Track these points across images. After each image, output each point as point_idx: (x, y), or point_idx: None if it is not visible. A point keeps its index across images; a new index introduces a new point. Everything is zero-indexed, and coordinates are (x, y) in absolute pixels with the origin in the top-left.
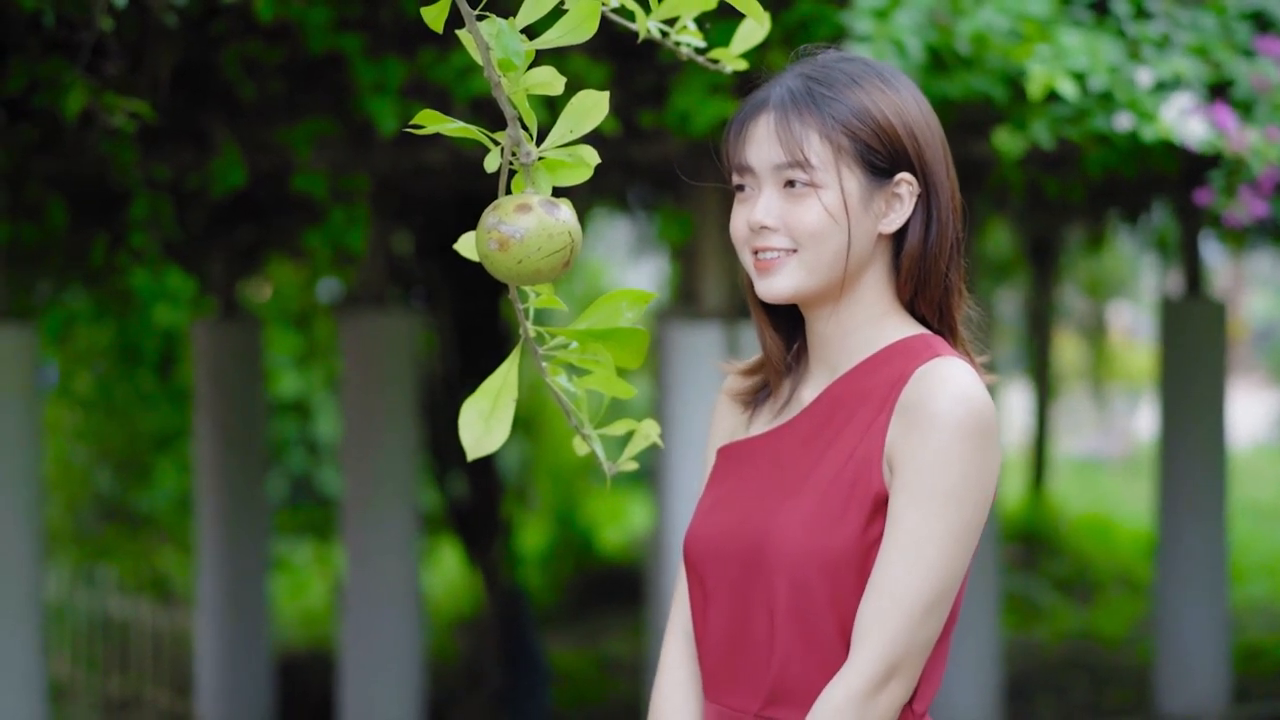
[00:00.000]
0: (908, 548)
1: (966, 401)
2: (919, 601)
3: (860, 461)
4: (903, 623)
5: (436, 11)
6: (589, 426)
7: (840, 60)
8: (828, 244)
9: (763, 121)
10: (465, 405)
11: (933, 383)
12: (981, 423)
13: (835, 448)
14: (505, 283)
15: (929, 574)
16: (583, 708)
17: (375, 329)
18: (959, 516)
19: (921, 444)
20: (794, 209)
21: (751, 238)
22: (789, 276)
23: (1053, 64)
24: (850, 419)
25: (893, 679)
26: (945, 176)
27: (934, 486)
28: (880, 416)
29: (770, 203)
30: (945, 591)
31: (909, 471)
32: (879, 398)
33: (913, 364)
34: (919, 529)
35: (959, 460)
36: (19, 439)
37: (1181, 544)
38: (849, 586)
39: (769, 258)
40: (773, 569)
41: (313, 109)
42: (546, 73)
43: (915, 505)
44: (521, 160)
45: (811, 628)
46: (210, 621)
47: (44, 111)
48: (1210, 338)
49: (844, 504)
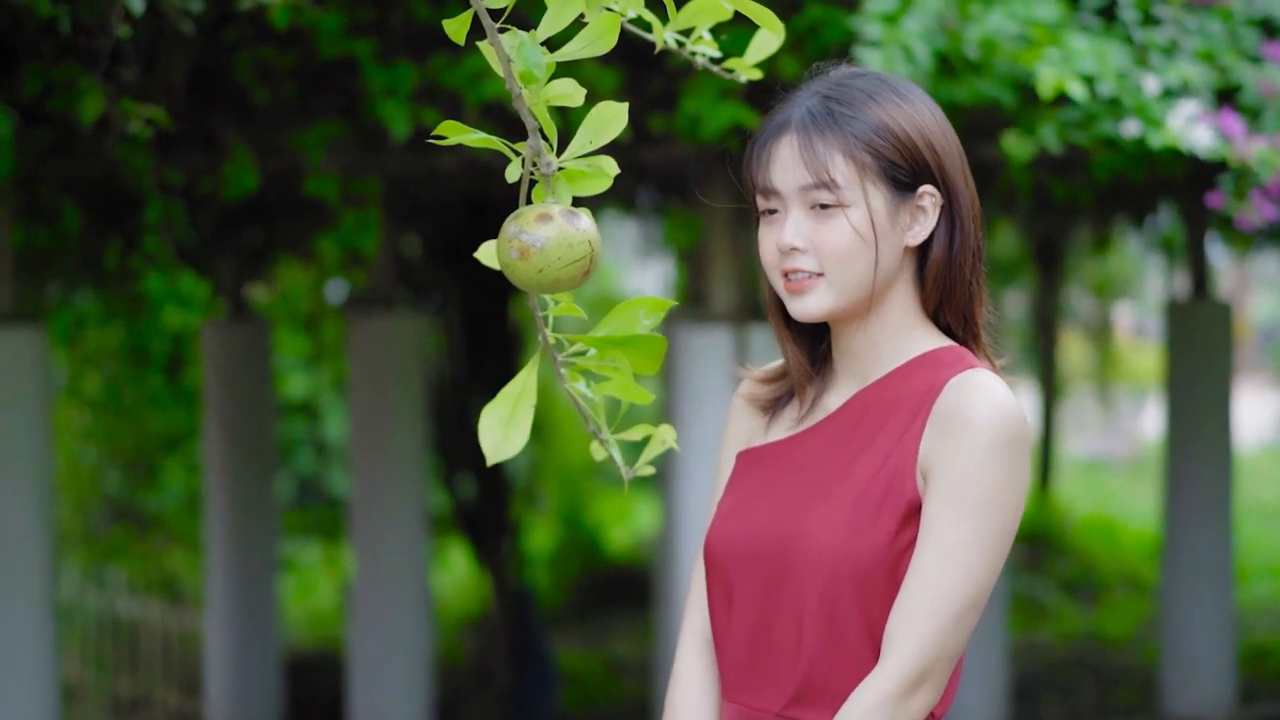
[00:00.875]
0: (942, 555)
1: (1002, 412)
2: (952, 608)
3: (893, 468)
4: (935, 629)
5: (458, 24)
6: (607, 431)
7: (853, 76)
8: (857, 263)
9: (785, 144)
10: (485, 411)
11: (968, 393)
12: (1016, 433)
13: (867, 454)
14: (526, 291)
15: (962, 581)
16: (591, 708)
17: (384, 331)
18: (992, 525)
19: (957, 453)
20: (822, 229)
21: (781, 260)
22: (820, 297)
23: (1062, 67)
24: (882, 427)
25: (923, 684)
26: (964, 184)
27: (969, 495)
28: (914, 425)
29: (799, 224)
30: (977, 599)
31: (944, 480)
32: (911, 407)
33: (945, 374)
34: (953, 536)
35: (994, 469)
36: (30, 440)
37: (1188, 545)
38: (879, 591)
39: (799, 279)
40: (803, 571)
41: (324, 113)
42: (567, 85)
43: (950, 513)
44: (542, 170)
45: (840, 630)
46: (219, 622)
47: (58, 116)
48: (1216, 339)
49: (877, 509)
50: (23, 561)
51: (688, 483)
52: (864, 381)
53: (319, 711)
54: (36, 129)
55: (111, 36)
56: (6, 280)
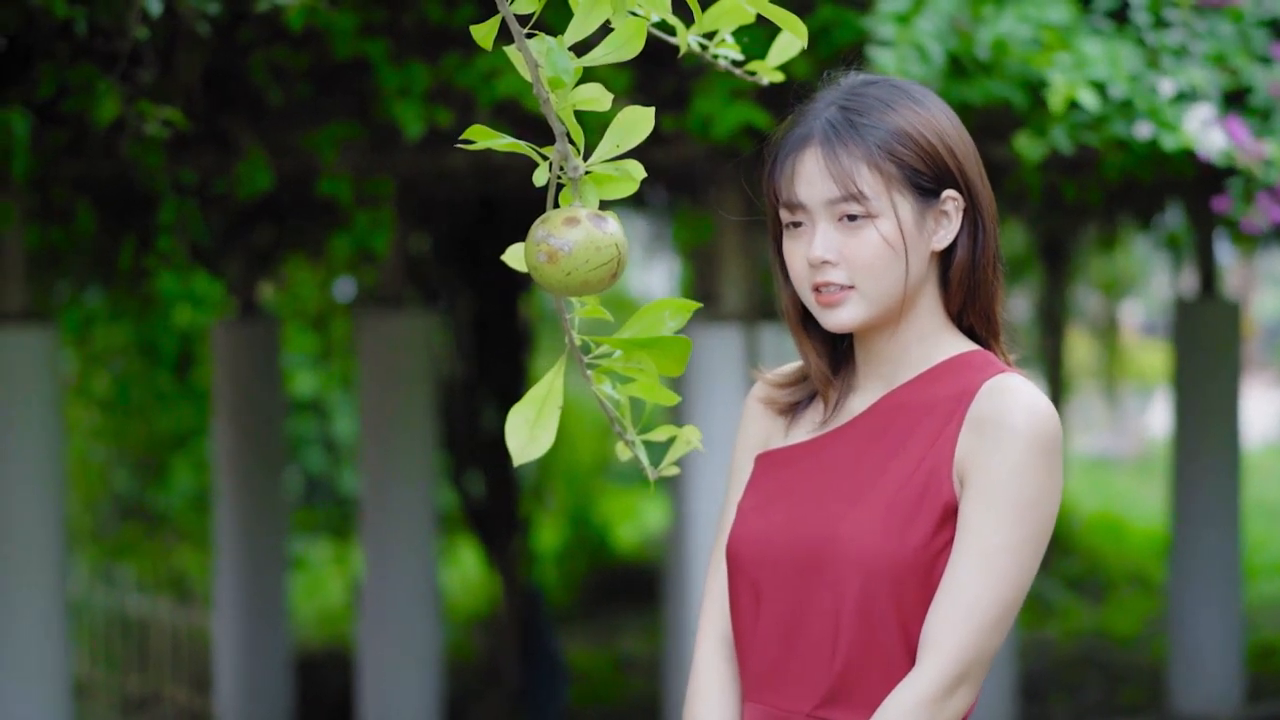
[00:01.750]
0: (982, 558)
1: (1039, 415)
2: (990, 611)
3: (929, 471)
4: (975, 631)
5: (486, 29)
6: (633, 432)
7: (867, 84)
8: (888, 273)
9: (809, 157)
10: (511, 412)
11: (1004, 398)
12: (1052, 436)
13: (900, 457)
14: (553, 293)
15: (1001, 584)
16: (599, 706)
17: (393, 329)
18: (1030, 528)
19: (996, 458)
20: (851, 242)
21: (812, 274)
22: (853, 309)
23: (1073, 73)
24: (914, 430)
25: (961, 686)
26: (982, 185)
27: (1009, 497)
28: (947, 429)
29: (828, 238)
30: (1015, 602)
31: (984, 483)
32: (945, 410)
33: (977, 379)
34: (993, 539)
35: (1033, 473)
36: (42, 438)
37: (1195, 543)
38: (914, 593)
39: (831, 292)
40: (838, 573)
41: (336, 113)
42: (594, 89)
43: (990, 517)
44: (569, 174)
45: (875, 632)
46: (228, 620)
47: (72, 117)
48: (1224, 337)
49: (913, 512)
50: (34, 559)
51: (698, 481)
52: (890, 385)
53: (328, 709)
54: (51, 130)
55: (129, 38)
56: (18, 279)
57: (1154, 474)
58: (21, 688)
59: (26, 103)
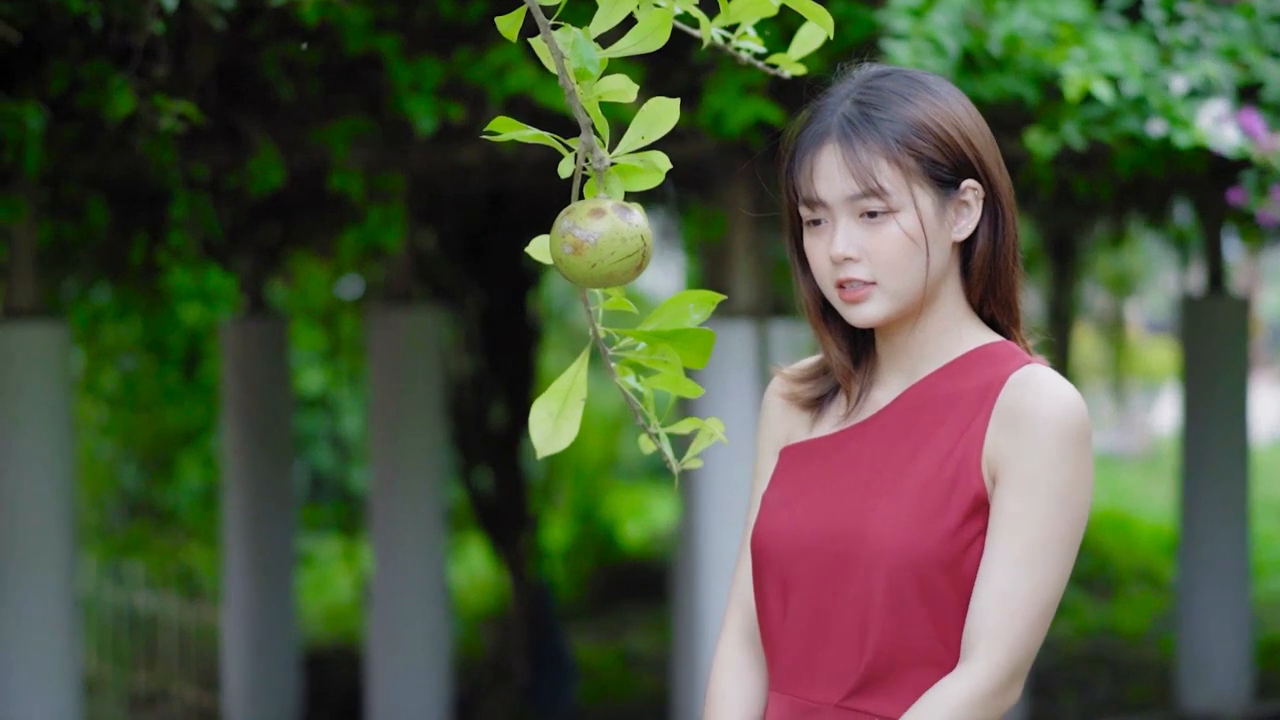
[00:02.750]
0: (1027, 550)
1: (1068, 405)
2: (1039, 603)
3: (958, 462)
4: (1027, 625)
5: (511, 21)
6: (657, 425)
7: (881, 77)
8: (911, 267)
9: (827, 154)
10: (535, 404)
11: (1033, 388)
12: (1082, 425)
13: (928, 449)
14: (578, 285)
15: (1048, 575)
16: (607, 703)
17: (403, 326)
18: (1070, 517)
19: (1028, 448)
20: (873, 237)
21: (835, 270)
22: (877, 305)
23: (1087, 67)
24: (941, 422)
25: (1015, 681)
26: (1000, 173)
27: (1045, 489)
28: (976, 421)
29: (849, 234)
30: (1059, 593)
31: (1018, 476)
32: (972, 402)
33: (1003, 370)
34: (1037, 533)
35: (1065, 462)
36: (52, 434)
37: (1204, 540)
38: (943, 583)
39: (855, 289)
40: (868, 564)
41: (348, 109)
42: (620, 81)
43: (1028, 508)
44: (594, 166)
45: (905, 622)
46: (237, 616)
47: (83, 112)
48: (1232, 334)
49: (943, 503)
50: (44, 556)
51: (708, 477)
52: (913, 377)
53: (336, 706)
54: (63, 125)
55: (145, 32)
56: (30, 276)
57: (1161, 471)
58: (31, 684)
59: (39, 98)
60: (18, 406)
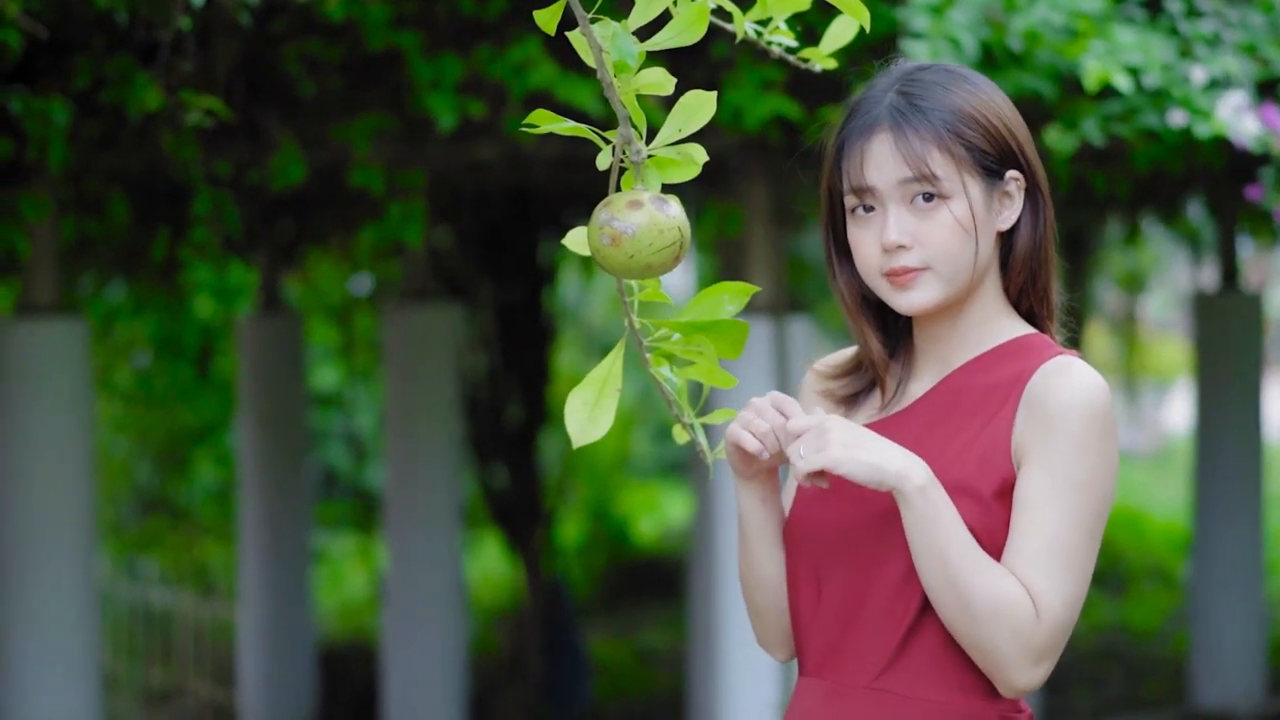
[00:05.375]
0: (1049, 540)
1: (1093, 394)
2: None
3: (988, 447)
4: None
5: (550, 15)
6: (691, 415)
7: (921, 70)
8: (961, 254)
9: (878, 141)
10: (570, 395)
11: (1060, 379)
12: (1107, 416)
13: (960, 437)
14: (615, 276)
15: (1085, 565)
16: (623, 699)
17: (418, 323)
18: (1095, 504)
19: (1053, 437)
20: (924, 224)
21: (884, 259)
22: (928, 290)
23: (1107, 59)
24: (975, 411)
25: (1046, 658)
26: (1039, 165)
27: (1069, 479)
28: (1005, 409)
29: (901, 221)
30: (1085, 582)
31: (1042, 465)
32: (1003, 392)
33: (1035, 360)
34: (1062, 521)
35: (1089, 450)
36: (72, 431)
37: (1217, 537)
38: None
39: (907, 276)
40: (902, 545)
41: (368, 105)
42: (658, 74)
43: (1052, 498)
44: (632, 158)
45: None
46: (252, 613)
47: (106, 108)
48: (1246, 331)
49: (974, 485)
50: (64, 553)
51: (725, 473)
52: (948, 367)
53: (351, 702)
54: (86, 121)
55: (172, 28)
56: (51, 272)
57: (1172, 468)
58: (51, 682)
59: (62, 94)
60: (38, 403)
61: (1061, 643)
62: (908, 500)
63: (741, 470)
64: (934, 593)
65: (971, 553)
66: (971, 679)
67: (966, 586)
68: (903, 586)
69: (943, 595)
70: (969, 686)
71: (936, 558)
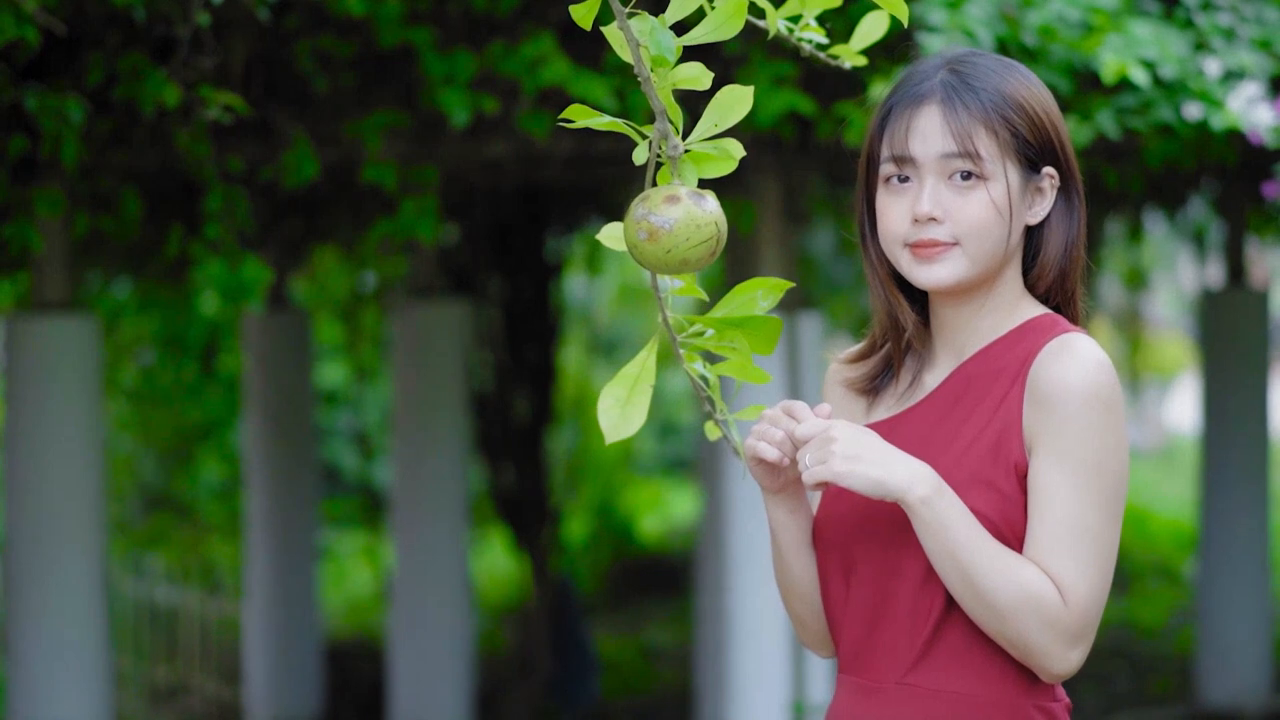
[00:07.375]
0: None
1: (1094, 373)
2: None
3: (1000, 432)
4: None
5: (586, 10)
6: (724, 411)
7: (975, 55)
8: (991, 236)
9: (925, 114)
10: (603, 391)
11: (1062, 358)
12: (1111, 393)
13: (971, 422)
14: (650, 271)
15: (1094, 550)
16: (629, 696)
17: (425, 320)
18: (1110, 483)
19: (1058, 419)
20: (960, 201)
21: (913, 230)
22: (952, 266)
23: (1124, 53)
24: (984, 396)
25: (1081, 642)
26: (1076, 165)
27: (1079, 461)
28: (1013, 391)
29: (937, 194)
30: (1110, 566)
31: (1051, 448)
32: (1010, 375)
33: (1040, 339)
34: (1078, 504)
35: (1096, 431)
36: (83, 428)
37: (1223, 534)
38: None
39: (932, 247)
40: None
41: (380, 102)
42: (695, 68)
43: (1068, 481)
44: (669, 153)
45: None
46: (258, 610)
47: (119, 105)
48: (1252, 328)
49: (989, 473)
50: (75, 551)
51: (732, 471)
52: (962, 356)
53: (358, 700)
54: (99, 118)
55: (192, 25)
56: (61, 269)
57: (1176, 466)
58: (62, 680)
59: (76, 90)
60: (48, 400)
61: (1094, 624)
62: (913, 511)
63: (767, 484)
64: (956, 594)
65: (987, 552)
66: (1001, 669)
67: (986, 586)
68: (926, 583)
69: (965, 596)
70: (999, 678)
71: (951, 562)
